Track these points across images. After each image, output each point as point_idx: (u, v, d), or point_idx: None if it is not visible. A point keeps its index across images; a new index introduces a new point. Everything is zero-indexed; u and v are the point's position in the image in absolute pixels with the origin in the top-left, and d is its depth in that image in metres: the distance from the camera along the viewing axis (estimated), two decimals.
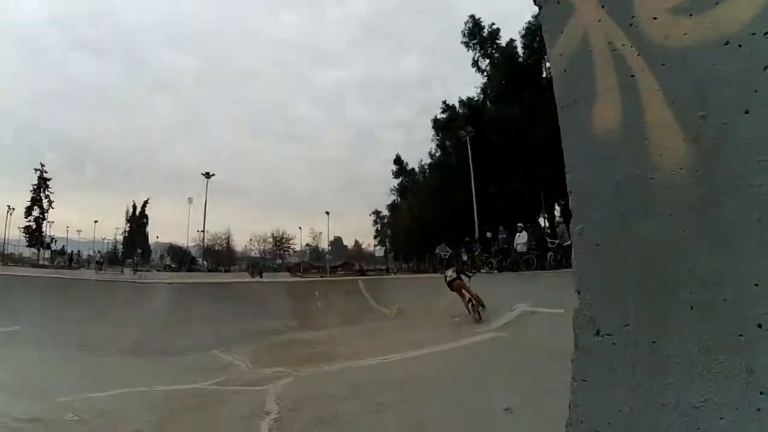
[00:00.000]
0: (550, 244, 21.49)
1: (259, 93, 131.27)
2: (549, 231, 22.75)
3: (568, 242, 21.01)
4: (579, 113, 2.57)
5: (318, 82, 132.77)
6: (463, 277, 16.00)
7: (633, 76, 2.32)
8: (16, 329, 13.97)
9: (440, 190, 57.35)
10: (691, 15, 2.15)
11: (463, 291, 15.51)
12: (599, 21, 2.51)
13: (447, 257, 27.30)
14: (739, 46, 2.00)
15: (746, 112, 1.96)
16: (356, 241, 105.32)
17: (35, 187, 68.86)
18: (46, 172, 69.70)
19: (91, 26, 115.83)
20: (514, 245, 23.26)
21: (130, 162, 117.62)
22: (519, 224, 24.36)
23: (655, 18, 2.26)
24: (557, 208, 49.09)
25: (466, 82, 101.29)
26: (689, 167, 2.10)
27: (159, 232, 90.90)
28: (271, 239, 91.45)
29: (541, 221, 47.50)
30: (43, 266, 57.05)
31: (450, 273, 16.08)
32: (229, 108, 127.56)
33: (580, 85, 2.56)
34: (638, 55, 2.30)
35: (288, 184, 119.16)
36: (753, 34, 1.97)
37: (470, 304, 15.15)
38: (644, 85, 2.28)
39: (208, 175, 64.62)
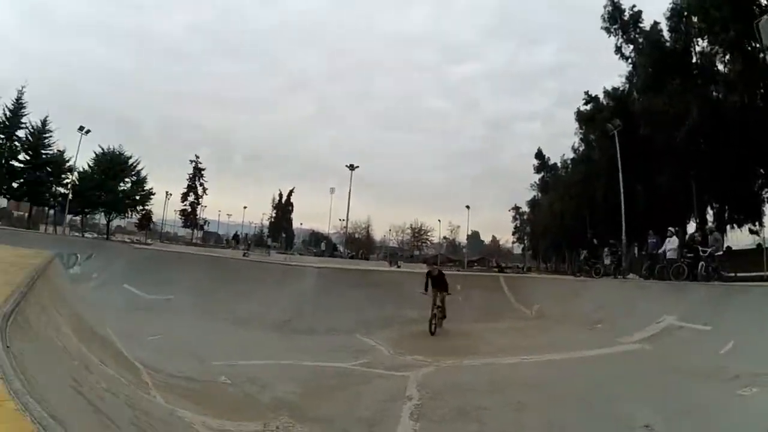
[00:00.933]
0: (701, 253, 19.48)
1: (391, 86, 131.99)
2: (699, 237, 20.50)
3: (721, 252, 19.36)
4: None
5: (449, 74, 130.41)
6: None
7: None
8: (171, 298, 14.99)
9: (583, 187, 53.50)
10: None
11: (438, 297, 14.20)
12: None
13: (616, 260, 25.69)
14: None
15: None
16: (494, 237, 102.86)
17: (191, 176, 74.47)
18: (200, 163, 75.14)
19: (227, 31, 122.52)
20: (664, 251, 21.50)
21: (273, 153, 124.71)
22: (670, 228, 21.95)
23: None
24: (710, 212, 43.66)
25: (606, 70, 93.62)
26: None
27: (301, 219, 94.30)
28: (409, 230, 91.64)
29: (689, 227, 42.86)
30: (196, 244, 62.11)
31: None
32: (363, 102, 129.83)
33: None
34: None
35: (424, 177, 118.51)
36: None
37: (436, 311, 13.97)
38: None
39: (352, 167, 65.71)
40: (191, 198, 73.66)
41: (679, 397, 7.13)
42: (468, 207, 78.69)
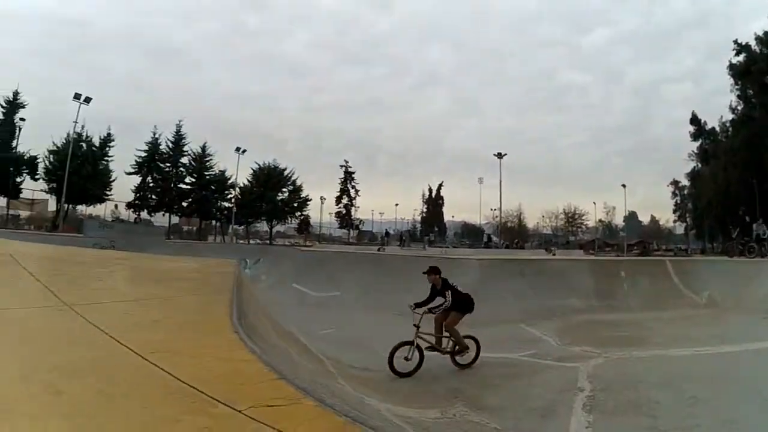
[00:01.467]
0: None
1: (522, 68, 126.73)
2: None
3: None
4: None
5: (581, 45, 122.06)
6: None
7: None
8: (338, 294, 15.97)
9: (747, 152, 47.71)
10: None
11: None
12: None
13: (766, 237, 23.59)
14: None
15: None
16: (652, 217, 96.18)
17: (342, 179, 77.66)
18: (350, 166, 78.06)
19: (348, 42, 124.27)
20: None
21: (417, 150, 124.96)
22: None
23: None
24: None
25: (754, 11, 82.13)
26: None
27: (452, 212, 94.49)
28: (562, 215, 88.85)
29: None
30: (352, 244, 64.85)
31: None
32: (497, 88, 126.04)
33: None
34: None
35: (571, 158, 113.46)
36: None
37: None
38: None
39: (500, 156, 65.12)
40: (345, 200, 76.70)
41: None
42: (624, 186, 73.77)
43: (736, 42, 48.78)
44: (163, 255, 12.13)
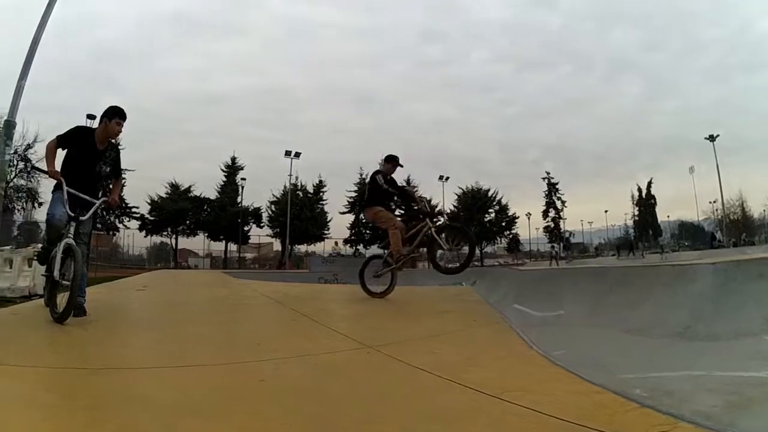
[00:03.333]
0: None
1: (718, 29, 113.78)
2: None
3: None
4: None
5: None
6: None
7: None
8: (561, 313, 15.60)
9: None
10: None
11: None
12: None
13: None
14: None
15: None
16: None
17: (546, 192, 76.07)
18: (552, 177, 76.27)
19: (525, 48, 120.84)
20: None
21: (616, 148, 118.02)
22: None
23: None
24: None
25: None
26: None
27: (667, 211, 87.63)
28: None
29: None
30: (562, 258, 63.27)
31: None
32: (692, 58, 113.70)
33: None
34: None
35: None
36: None
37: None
38: None
39: (712, 138, 59.30)
40: (552, 213, 75.23)
41: None
42: None
43: None
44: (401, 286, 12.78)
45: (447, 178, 57.66)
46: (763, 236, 69.65)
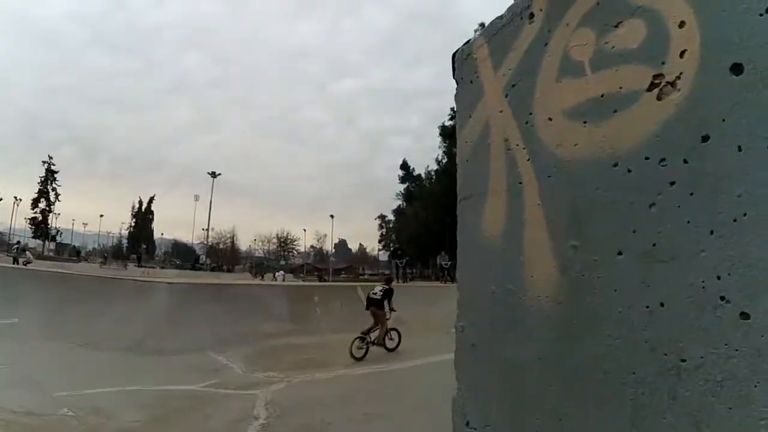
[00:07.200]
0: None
1: (269, 96, 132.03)
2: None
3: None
4: (474, 210, 2.46)
5: (330, 89, 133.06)
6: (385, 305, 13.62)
7: (521, 183, 2.16)
8: (15, 321, 13.90)
9: (445, 197, 54.46)
10: (585, 123, 1.93)
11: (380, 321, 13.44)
12: (501, 112, 2.35)
13: (448, 266, 27.83)
14: (629, 171, 1.73)
15: (619, 254, 1.73)
16: (360, 245, 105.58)
17: (42, 179, 69.09)
18: (53, 164, 70.18)
19: (109, 24, 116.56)
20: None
21: (141, 157, 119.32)
22: None
23: (550, 119, 2.09)
24: None
25: None
26: (554, 297, 1.96)
27: (165, 228, 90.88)
28: (275, 240, 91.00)
29: None
30: (48, 258, 57.29)
31: (377, 290, 14.13)
32: (240, 110, 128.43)
33: (478, 181, 2.45)
34: (528, 160, 2.13)
35: (295, 186, 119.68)
36: (647, 159, 1.68)
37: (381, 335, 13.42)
38: (528, 197, 2.11)
39: (213, 175, 65.14)
40: (42, 204, 68.50)
41: None
42: (332, 216, 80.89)
43: (452, 110, 57.30)
44: None
45: None
46: (248, 264, 78.56)
